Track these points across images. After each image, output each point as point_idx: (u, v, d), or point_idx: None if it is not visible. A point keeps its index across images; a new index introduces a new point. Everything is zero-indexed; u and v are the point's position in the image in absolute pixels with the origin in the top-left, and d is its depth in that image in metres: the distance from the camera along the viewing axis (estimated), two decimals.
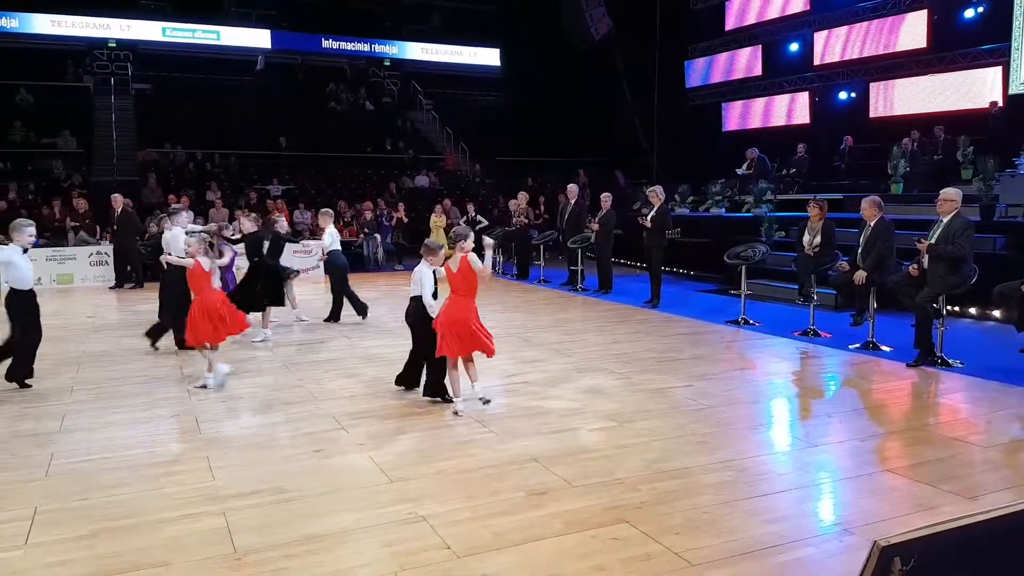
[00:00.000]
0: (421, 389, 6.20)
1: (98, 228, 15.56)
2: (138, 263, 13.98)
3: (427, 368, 6.12)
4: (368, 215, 17.92)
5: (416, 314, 6.04)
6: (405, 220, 17.93)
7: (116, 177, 19.32)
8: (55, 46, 24.08)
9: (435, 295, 6.01)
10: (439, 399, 6.01)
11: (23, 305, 6.45)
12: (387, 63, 28.39)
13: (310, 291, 12.88)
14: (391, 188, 21.25)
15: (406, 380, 6.39)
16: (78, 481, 4.37)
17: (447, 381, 5.88)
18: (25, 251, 6.48)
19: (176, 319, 7.68)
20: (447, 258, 6.07)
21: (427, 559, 3.39)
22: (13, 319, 6.48)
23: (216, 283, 6.89)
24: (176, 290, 7.56)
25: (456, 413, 5.66)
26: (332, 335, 9.10)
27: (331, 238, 9.79)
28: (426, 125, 26.77)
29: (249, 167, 21.75)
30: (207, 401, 6.12)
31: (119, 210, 13.91)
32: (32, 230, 6.63)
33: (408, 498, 4.06)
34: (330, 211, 10.34)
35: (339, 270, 9.93)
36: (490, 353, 5.86)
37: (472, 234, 6.10)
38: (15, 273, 6.39)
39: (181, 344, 7.86)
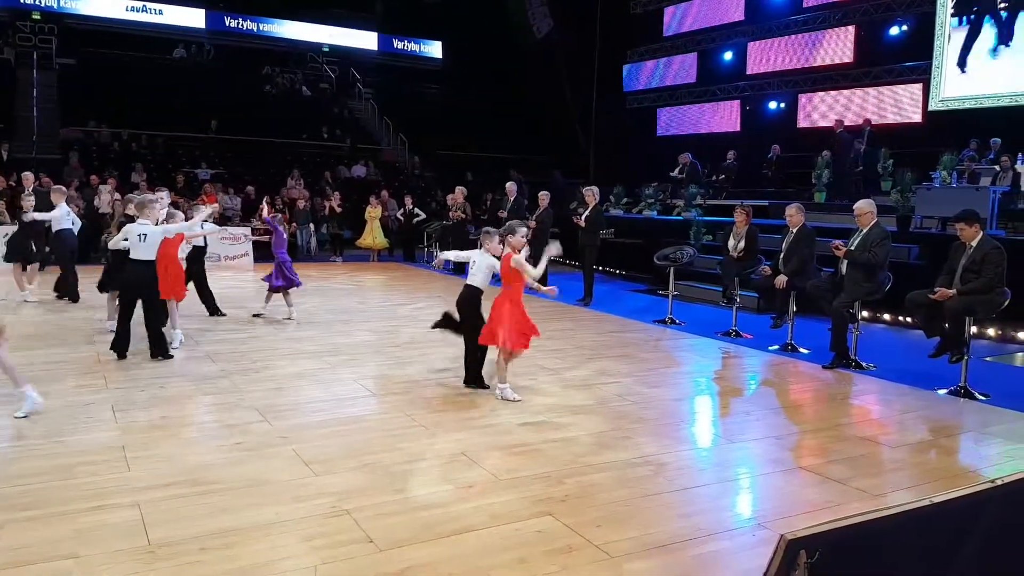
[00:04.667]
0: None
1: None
2: (41, 245, 13.51)
3: (466, 356, 6.24)
4: (301, 204, 17.62)
5: (466, 301, 6.16)
6: (338, 210, 17.67)
7: (36, 155, 18.47)
8: None
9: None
10: (477, 387, 6.17)
11: None
12: (325, 49, 27.88)
13: (242, 280, 12.57)
14: (326, 176, 20.91)
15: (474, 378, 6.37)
16: None
17: (497, 368, 5.96)
18: None
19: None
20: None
21: (349, 553, 3.36)
22: None
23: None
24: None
25: (509, 399, 5.81)
26: (258, 325, 8.91)
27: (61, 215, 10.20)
28: (364, 114, 26.42)
29: (177, 149, 21.08)
30: (125, 389, 5.91)
31: (29, 189, 13.30)
32: None
33: (332, 492, 4.01)
34: (62, 188, 10.96)
35: (67, 250, 10.22)
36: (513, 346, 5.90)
37: (524, 230, 6.09)
38: None
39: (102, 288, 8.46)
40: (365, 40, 28.62)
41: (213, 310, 9.25)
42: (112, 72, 23.08)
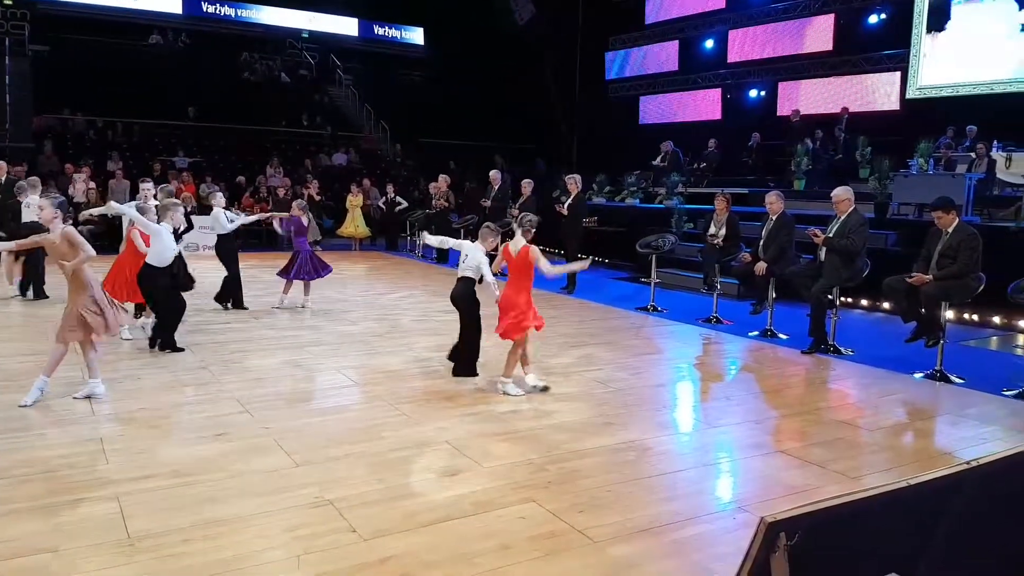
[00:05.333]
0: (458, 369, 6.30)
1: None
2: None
3: (461, 348, 6.22)
4: (281, 193, 17.47)
5: (463, 296, 6.15)
6: (317, 198, 17.54)
7: (9, 143, 18.12)
8: None
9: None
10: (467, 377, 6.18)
11: None
12: (305, 35, 27.58)
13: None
14: (307, 165, 20.73)
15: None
16: None
17: (508, 360, 5.86)
18: None
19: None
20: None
21: (332, 542, 3.36)
22: None
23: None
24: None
25: (511, 394, 5.68)
26: (236, 316, 8.84)
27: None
28: (345, 102, 26.19)
29: (154, 137, 20.80)
30: (103, 382, 5.84)
31: (2, 179, 13.07)
32: None
33: (314, 482, 4.00)
34: (35, 180, 10.47)
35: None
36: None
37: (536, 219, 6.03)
38: None
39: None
40: (345, 26, 28.33)
41: (224, 300, 9.14)
42: (87, 59, 22.65)
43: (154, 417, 5.10)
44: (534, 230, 6.02)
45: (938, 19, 15.45)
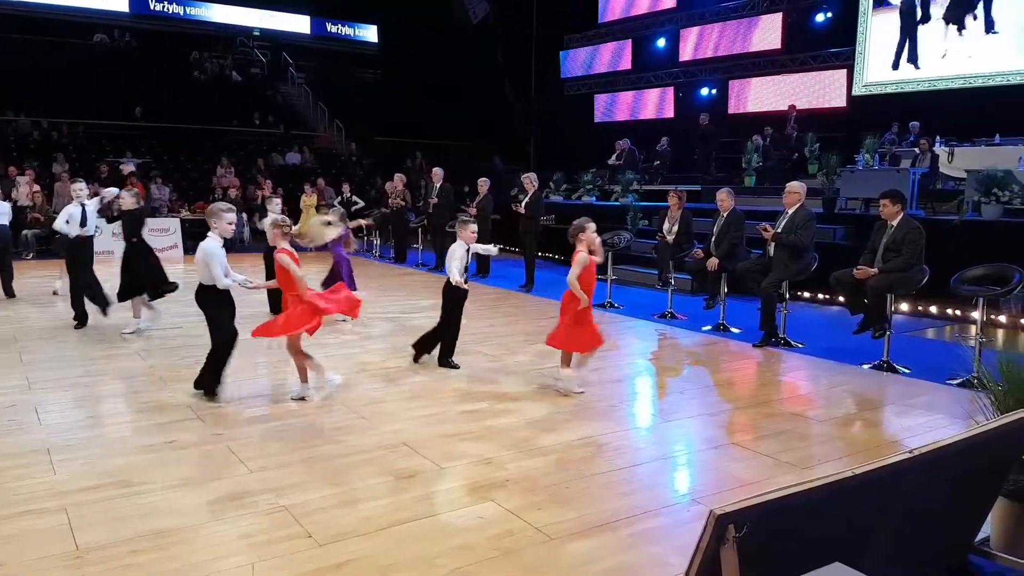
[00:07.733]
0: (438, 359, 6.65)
1: None
2: None
3: (442, 340, 6.59)
4: (233, 193, 17.19)
5: (446, 291, 6.42)
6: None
7: None
8: None
9: (465, 270, 6.47)
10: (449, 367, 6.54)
11: None
12: (256, 33, 27.15)
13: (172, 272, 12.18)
14: (259, 164, 20.41)
15: (419, 348, 6.71)
16: None
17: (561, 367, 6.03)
18: None
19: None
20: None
21: (287, 548, 3.32)
22: None
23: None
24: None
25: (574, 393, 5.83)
26: (185, 320, 8.65)
27: None
28: (298, 100, 25.85)
29: (100, 138, 20.29)
30: (49, 391, 5.70)
31: None
32: None
33: (269, 488, 3.95)
34: None
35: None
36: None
37: (591, 225, 6.23)
38: None
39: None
40: (297, 23, 27.97)
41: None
42: (30, 58, 22.01)
43: (102, 425, 4.98)
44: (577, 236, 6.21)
45: None
